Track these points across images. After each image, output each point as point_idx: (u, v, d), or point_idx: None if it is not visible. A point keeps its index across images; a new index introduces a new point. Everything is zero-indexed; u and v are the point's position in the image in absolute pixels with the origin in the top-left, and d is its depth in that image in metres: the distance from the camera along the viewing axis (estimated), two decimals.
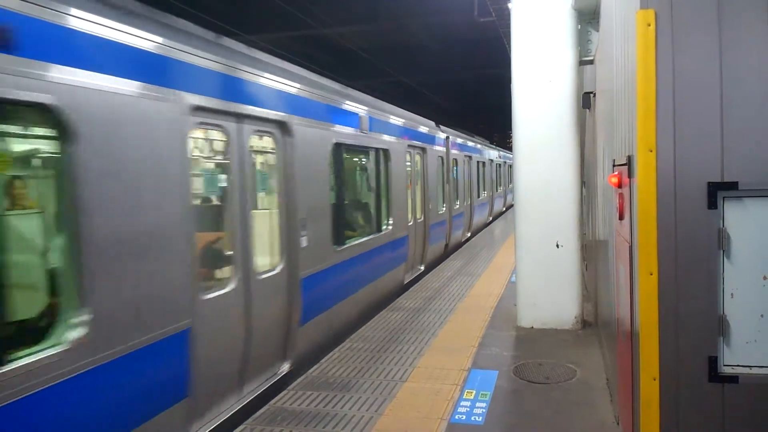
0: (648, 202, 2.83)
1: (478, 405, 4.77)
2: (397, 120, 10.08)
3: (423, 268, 11.43)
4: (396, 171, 9.62)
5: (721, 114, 2.75)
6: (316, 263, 6.32)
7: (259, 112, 5.29)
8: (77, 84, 3.27)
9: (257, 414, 4.73)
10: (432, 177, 12.14)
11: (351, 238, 7.86)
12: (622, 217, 3.46)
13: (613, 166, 3.92)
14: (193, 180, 4.39)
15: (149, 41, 3.91)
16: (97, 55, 3.45)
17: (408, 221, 10.32)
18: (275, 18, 15.58)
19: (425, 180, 11.72)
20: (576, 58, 6.82)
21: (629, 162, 3.14)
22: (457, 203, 15.14)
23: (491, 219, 21.85)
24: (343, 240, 7.42)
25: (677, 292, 2.81)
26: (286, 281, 5.74)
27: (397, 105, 10.94)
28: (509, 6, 7.34)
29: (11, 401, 2.83)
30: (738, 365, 2.77)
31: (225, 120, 4.85)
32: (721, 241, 2.76)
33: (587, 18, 6.91)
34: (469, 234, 16.99)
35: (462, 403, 4.81)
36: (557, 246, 6.83)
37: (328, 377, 5.50)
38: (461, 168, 15.81)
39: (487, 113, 39.24)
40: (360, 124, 8.09)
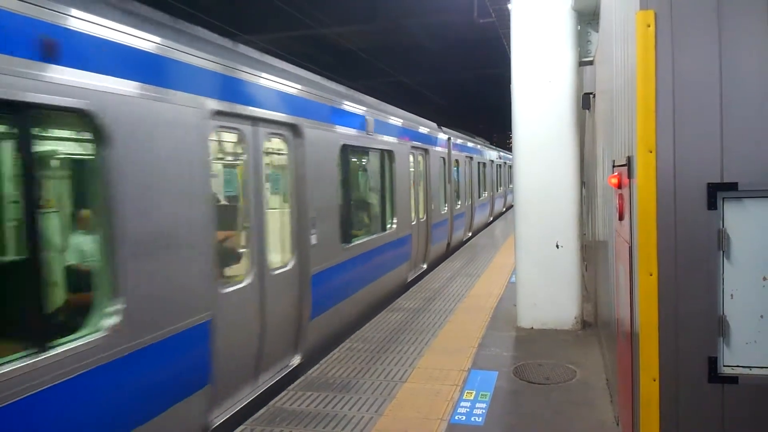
0: (648, 202, 2.83)
1: (477, 405, 4.77)
2: (401, 122, 10.21)
3: (426, 266, 11.55)
4: (400, 172, 9.78)
5: (721, 114, 2.74)
6: (325, 260, 6.54)
7: (273, 115, 5.52)
8: (112, 91, 3.51)
9: (257, 414, 4.73)
10: (434, 177, 12.27)
11: (357, 236, 8.02)
12: (621, 218, 3.46)
13: (613, 166, 3.92)
14: (214, 180, 4.65)
15: (175, 50, 4.17)
16: (129, 64, 3.70)
17: (411, 221, 10.47)
18: (275, 18, 15.59)
19: (428, 180, 11.85)
20: (576, 58, 6.82)
21: (629, 162, 3.14)
22: (459, 203, 15.24)
23: (492, 219, 21.93)
24: (350, 238, 7.59)
25: (677, 292, 2.80)
26: (297, 277, 5.97)
27: (397, 105, 10.97)
28: (509, 7, 7.34)
29: (61, 381, 3.12)
30: (738, 366, 2.77)
31: (241, 123, 5.08)
32: (721, 242, 2.75)
33: (587, 18, 6.91)
34: (470, 234, 17.05)
35: (462, 404, 4.81)
36: (557, 246, 6.83)
37: (328, 378, 5.50)
38: (462, 168, 15.89)
39: (487, 113, 39.25)
40: (366, 126, 8.25)
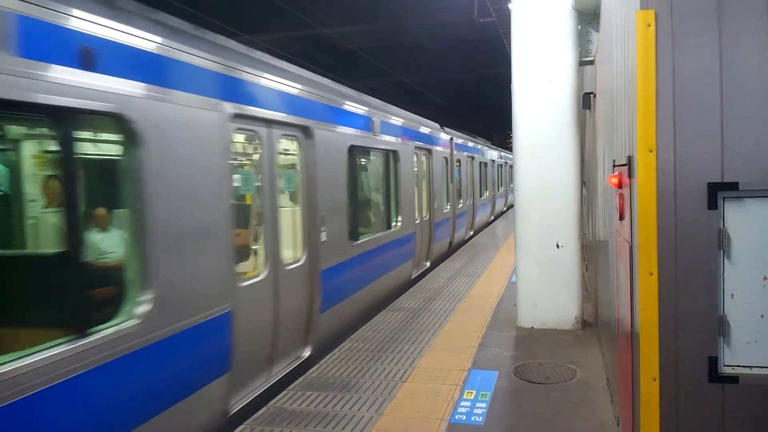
0: (648, 202, 2.83)
1: (478, 405, 4.77)
2: (405, 123, 10.39)
3: (429, 264, 11.72)
4: (404, 171, 9.97)
5: (721, 114, 2.74)
6: (334, 256, 6.77)
7: (286, 118, 5.76)
8: (143, 96, 3.73)
9: (257, 414, 4.73)
10: (437, 177, 12.45)
11: (364, 234, 8.24)
12: (622, 218, 3.46)
13: (613, 166, 3.92)
14: (233, 180, 4.91)
15: (199, 57, 4.40)
16: (157, 70, 3.93)
17: (415, 219, 10.66)
18: (275, 18, 15.59)
19: (431, 180, 12.02)
20: (576, 58, 6.82)
21: (629, 162, 3.14)
22: (461, 203, 15.38)
23: (493, 218, 22.03)
24: (358, 236, 7.78)
25: (677, 292, 2.80)
26: (308, 272, 6.21)
27: (397, 105, 11.01)
28: (509, 6, 7.34)
29: (103, 363, 3.36)
30: (738, 365, 2.77)
31: (257, 126, 5.32)
32: (722, 242, 2.75)
33: (587, 18, 6.91)
34: (472, 232, 17.17)
35: (462, 404, 4.81)
36: (557, 246, 6.83)
37: (328, 377, 5.50)
38: (464, 168, 16.02)
39: (487, 113, 39.21)
40: (372, 127, 8.45)
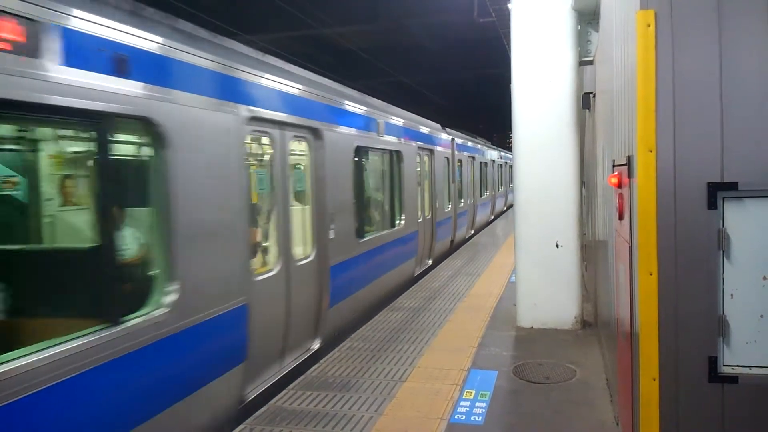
0: (648, 202, 2.83)
1: (477, 405, 4.77)
2: (408, 124, 10.59)
3: (431, 262, 11.91)
4: (407, 171, 10.19)
5: (721, 114, 2.74)
6: (341, 253, 7.00)
7: (297, 120, 6.00)
8: (170, 100, 3.94)
9: (257, 414, 4.73)
10: (439, 177, 12.64)
11: (369, 232, 8.45)
12: (621, 218, 3.46)
13: (613, 166, 3.92)
14: (249, 179, 5.14)
15: (218, 63, 4.61)
16: (181, 76, 4.13)
17: (418, 218, 10.85)
18: (275, 18, 15.60)
19: (433, 179, 12.20)
20: (576, 58, 6.82)
21: (629, 162, 3.14)
22: (462, 202, 15.55)
23: (493, 218, 22.17)
24: (363, 234, 7.98)
25: (677, 292, 2.80)
26: (317, 268, 6.44)
27: (397, 105, 11.03)
28: (509, 6, 7.34)
29: (138, 348, 3.58)
30: (738, 365, 2.77)
31: (270, 127, 5.55)
32: (721, 242, 2.75)
33: (587, 18, 6.91)
34: (473, 231, 17.32)
35: (462, 403, 4.81)
36: (557, 246, 6.83)
37: (327, 377, 5.50)
38: (465, 168, 16.18)
39: (487, 113, 39.23)
40: (377, 128, 8.67)
